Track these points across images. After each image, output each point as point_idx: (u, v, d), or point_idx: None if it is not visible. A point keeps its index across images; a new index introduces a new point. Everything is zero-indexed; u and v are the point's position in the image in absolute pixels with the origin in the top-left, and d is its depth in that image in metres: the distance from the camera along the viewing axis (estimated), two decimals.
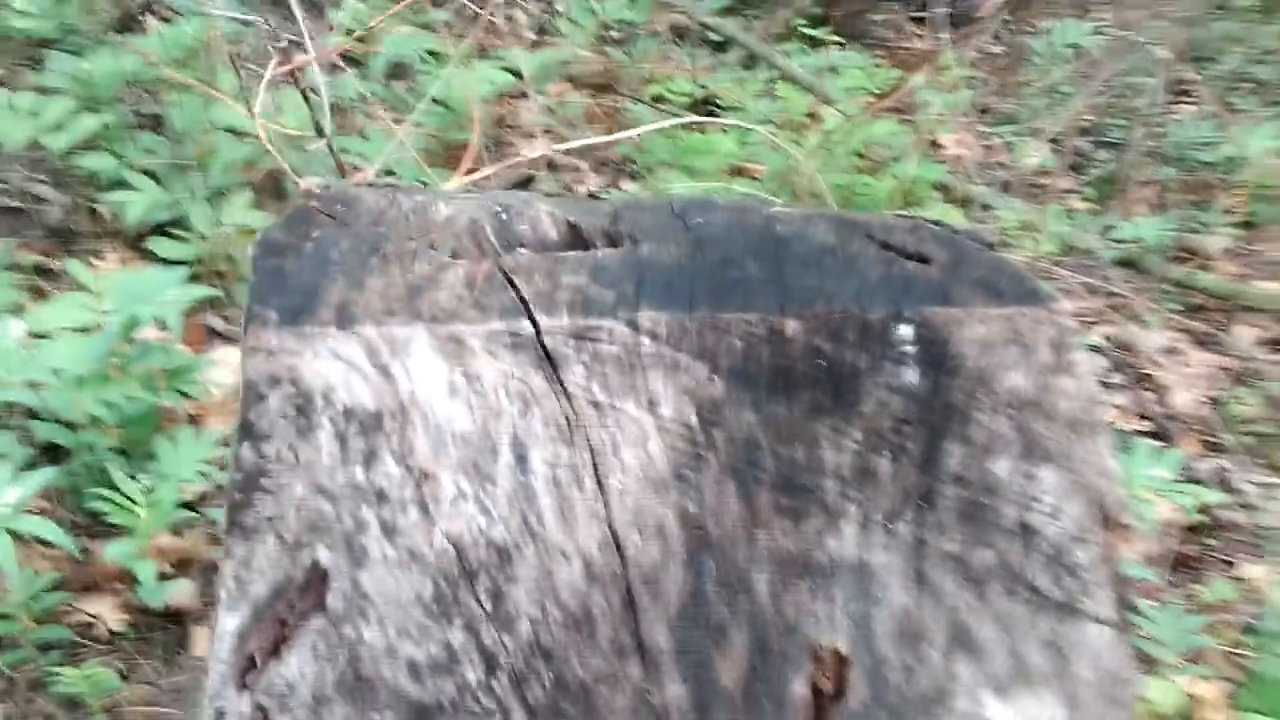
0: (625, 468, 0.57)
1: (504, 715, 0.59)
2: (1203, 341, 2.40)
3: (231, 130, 2.59)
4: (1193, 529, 1.90)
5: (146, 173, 2.42)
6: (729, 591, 0.59)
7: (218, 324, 2.25)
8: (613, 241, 0.61)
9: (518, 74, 2.76)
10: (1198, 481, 1.95)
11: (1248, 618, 1.65)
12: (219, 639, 0.57)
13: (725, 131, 2.24)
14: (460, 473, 0.56)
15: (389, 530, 0.57)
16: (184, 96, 2.70)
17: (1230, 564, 1.80)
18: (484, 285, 0.57)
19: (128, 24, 3.74)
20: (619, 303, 0.57)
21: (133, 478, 1.51)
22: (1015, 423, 0.59)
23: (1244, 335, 2.43)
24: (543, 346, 0.56)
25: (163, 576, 1.53)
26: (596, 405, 0.57)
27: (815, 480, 0.59)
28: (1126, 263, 2.57)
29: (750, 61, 3.11)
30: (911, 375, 0.58)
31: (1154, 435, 2.15)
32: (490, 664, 0.58)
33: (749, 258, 0.60)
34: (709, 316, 0.57)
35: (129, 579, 1.58)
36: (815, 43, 2.95)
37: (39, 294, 2.12)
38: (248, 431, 0.56)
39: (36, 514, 1.45)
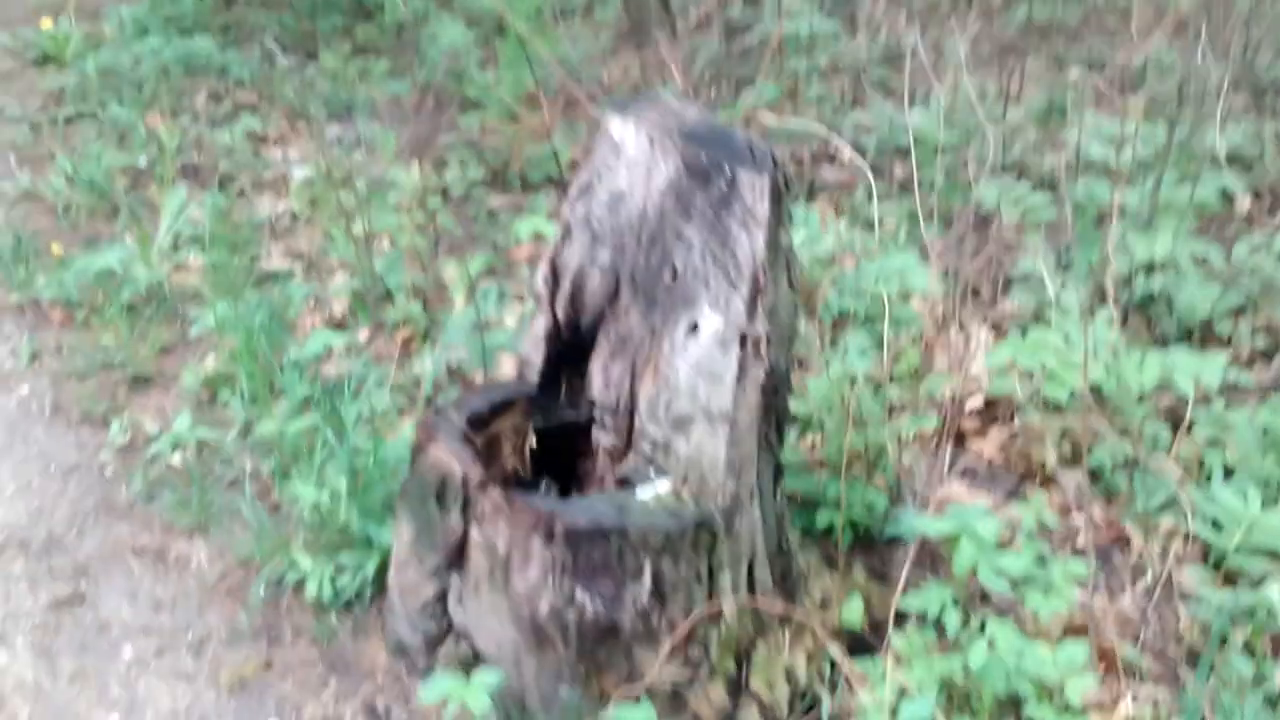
0: (662, 172, 2.36)
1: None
2: None
3: None
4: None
5: None
6: (678, 224, 2.36)
7: None
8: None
9: None
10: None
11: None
12: (568, 199, 2.47)
13: None
14: (630, 170, 2.39)
15: (608, 180, 2.41)
16: None
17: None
18: (657, 123, 2.39)
19: None
20: (677, 135, 2.34)
21: None
22: (755, 189, 2.28)
23: None
24: (659, 139, 2.36)
25: None
26: (672, 153, 2.36)
27: (705, 191, 2.33)
28: None
29: None
30: (726, 178, 2.29)
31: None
32: (611, 243, 2.42)
33: (712, 134, 2.35)
34: (693, 146, 2.32)
35: None
36: None
37: None
38: (595, 144, 2.43)
39: None
